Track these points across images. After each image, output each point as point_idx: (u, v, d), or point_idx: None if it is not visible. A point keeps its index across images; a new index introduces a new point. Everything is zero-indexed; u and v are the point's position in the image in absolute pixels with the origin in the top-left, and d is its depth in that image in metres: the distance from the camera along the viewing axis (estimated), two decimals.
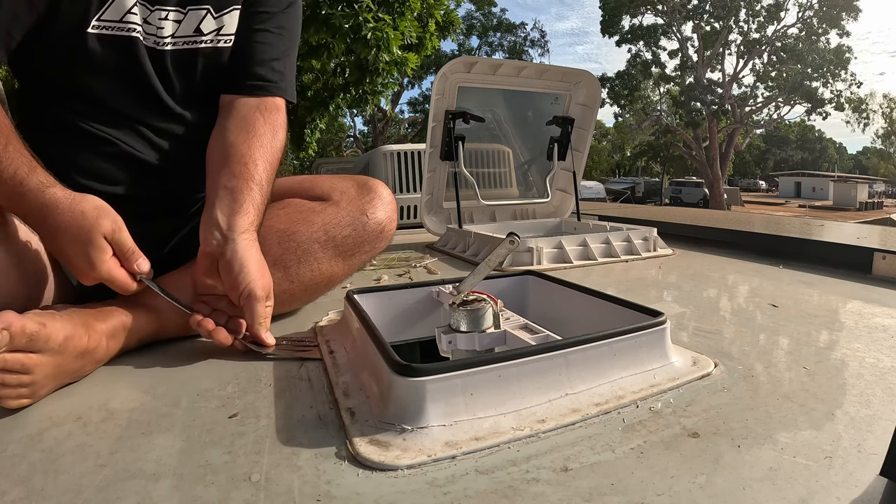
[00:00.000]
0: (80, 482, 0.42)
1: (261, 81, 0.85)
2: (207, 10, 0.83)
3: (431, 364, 0.49)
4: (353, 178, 0.94)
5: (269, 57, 0.87)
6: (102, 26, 0.76)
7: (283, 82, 0.88)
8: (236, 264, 0.69)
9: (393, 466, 0.43)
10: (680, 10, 17.82)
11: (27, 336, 0.53)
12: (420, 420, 0.48)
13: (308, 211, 0.86)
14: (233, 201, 0.72)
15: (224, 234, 0.70)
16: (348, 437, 0.48)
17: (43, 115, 0.81)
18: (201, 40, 0.84)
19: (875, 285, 1.08)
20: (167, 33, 0.81)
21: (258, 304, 0.69)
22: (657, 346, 0.60)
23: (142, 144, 0.82)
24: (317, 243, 0.84)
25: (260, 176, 0.76)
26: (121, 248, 0.66)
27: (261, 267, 0.71)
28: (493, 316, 0.65)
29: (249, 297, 0.68)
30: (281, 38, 0.88)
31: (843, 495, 0.39)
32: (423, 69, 15.63)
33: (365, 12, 4.17)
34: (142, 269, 0.68)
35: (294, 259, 0.83)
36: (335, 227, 0.86)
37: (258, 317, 0.69)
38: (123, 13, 0.77)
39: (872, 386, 0.58)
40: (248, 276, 0.69)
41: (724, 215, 2.24)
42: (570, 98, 1.88)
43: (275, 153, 0.81)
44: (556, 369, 0.53)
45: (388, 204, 0.92)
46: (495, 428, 0.48)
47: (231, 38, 0.86)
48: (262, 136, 0.80)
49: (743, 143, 20.93)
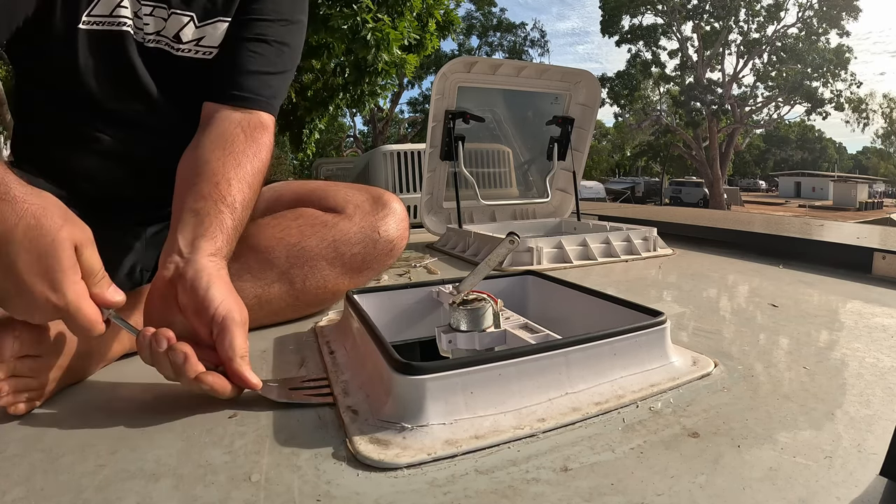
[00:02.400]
0: (80, 482, 0.42)
1: (249, 94, 0.77)
2: (191, 17, 0.79)
3: (432, 362, 0.49)
4: (368, 191, 0.91)
5: (263, 70, 0.79)
6: (93, 21, 0.73)
7: (275, 101, 0.80)
8: (202, 283, 0.55)
9: (393, 465, 0.43)
10: (680, 10, 17.82)
11: (35, 341, 0.53)
12: (420, 418, 0.48)
13: (320, 225, 0.83)
14: (198, 224, 0.61)
15: (185, 256, 0.58)
16: (348, 436, 0.48)
17: (39, 115, 0.81)
18: (178, 48, 0.79)
19: (875, 285, 1.08)
20: (151, 30, 0.77)
21: (238, 329, 0.54)
22: (657, 346, 0.60)
23: (138, 145, 0.81)
24: (325, 260, 0.82)
25: (233, 198, 0.65)
26: (90, 270, 0.49)
27: (233, 293, 0.58)
28: (494, 315, 0.65)
29: (225, 320, 0.53)
30: (280, 54, 0.81)
31: (843, 495, 0.39)
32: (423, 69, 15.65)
33: (364, 12, 4.17)
34: (113, 300, 0.51)
35: (300, 275, 0.81)
36: (345, 245, 0.83)
37: (239, 348, 0.53)
38: (113, 7, 0.74)
39: (872, 386, 0.58)
40: (219, 294, 0.55)
41: (724, 215, 2.24)
42: (569, 98, 1.88)
43: (255, 175, 0.71)
44: (557, 368, 0.53)
45: (401, 221, 0.89)
46: (495, 427, 0.48)
47: (212, 50, 0.81)
48: (240, 154, 0.70)
49: (743, 143, 20.93)
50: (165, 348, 0.50)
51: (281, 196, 0.90)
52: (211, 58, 0.81)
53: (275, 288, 0.80)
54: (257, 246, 0.79)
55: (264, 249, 0.79)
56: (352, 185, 0.94)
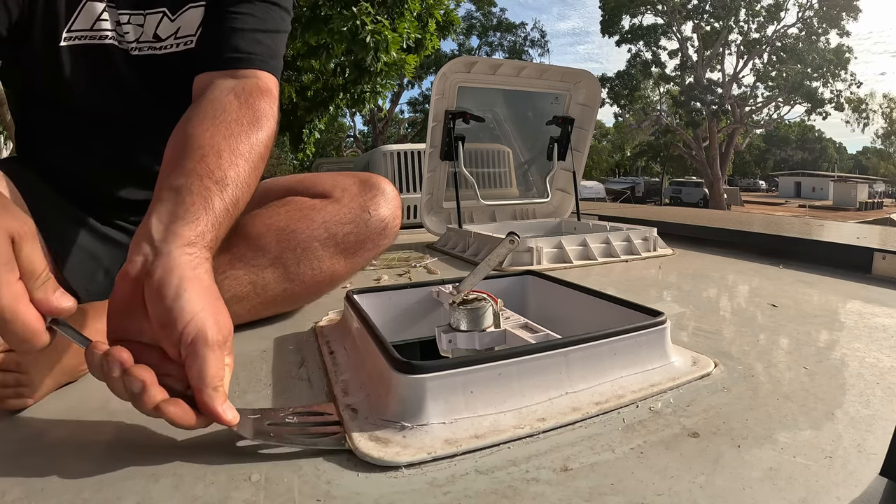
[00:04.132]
0: (80, 482, 0.42)
1: (239, 53, 0.69)
2: (163, 12, 0.76)
3: (432, 362, 0.49)
4: (355, 175, 0.90)
5: (251, 27, 0.71)
6: (74, 37, 0.72)
7: (272, 60, 0.72)
8: (171, 288, 0.44)
9: (393, 463, 0.43)
10: (680, 10, 17.82)
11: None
12: (420, 417, 0.48)
13: (308, 208, 0.83)
14: (177, 205, 0.50)
15: (156, 246, 0.47)
16: (348, 434, 0.48)
17: (34, 119, 0.81)
18: (160, 46, 0.77)
19: (875, 285, 1.08)
20: (132, 38, 0.76)
21: (211, 354, 0.43)
22: (657, 346, 0.60)
23: (134, 149, 0.81)
24: (317, 241, 0.81)
25: (223, 172, 0.55)
26: (30, 269, 0.39)
27: (212, 300, 0.46)
28: (494, 315, 0.65)
29: (195, 343, 0.43)
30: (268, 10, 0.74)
31: (843, 495, 0.39)
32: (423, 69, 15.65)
33: (363, 14, 4.17)
34: (60, 306, 0.41)
35: (293, 258, 0.80)
36: (336, 225, 0.82)
37: (209, 377, 0.43)
38: (94, 20, 0.73)
39: (872, 386, 0.58)
40: (191, 306, 0.44)
41: (724, 215, 2.24)
42: (569, 98, 1.88)
43: (253, 147, 0.61)
44: (557, 368, 0.53)
45: (391, 200, 0.88)
46: (495, 426, 0.48)
47: (192, 39, 0.78)
48: (233, 123, 0.61)
49: (743, 143, 20.93)
50: (119, 374, 0.41)
51: (270, 190, 0.89)
52: (193, 46, 0.79)
53: (269, 273, 0.79)
54: (248, 234, 0.78)
55: (255, 237, 0.78)
56: (340, 172, 0.92)
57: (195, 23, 0.77)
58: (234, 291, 0.76)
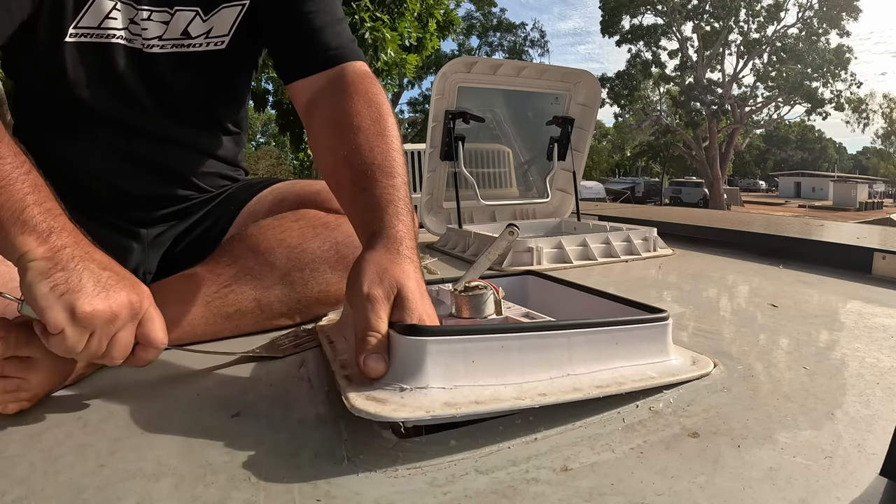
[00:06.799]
0: (80, 482, 0.42)
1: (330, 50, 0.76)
2: (196, 11, 0.77)
3: (433, 326, 0.49)
4: None
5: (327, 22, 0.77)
6: (80, 34, 0.72)
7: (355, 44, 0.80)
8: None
9: (390, 418, 0.44)
10: (680, 10, 17.83)
11: (24, 342, 0.53)
12: (420, 380, 0.47)
13: (322, 226, 0.81)
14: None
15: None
16: (344, 395, 0.47)
17: (35, 117, 0.81)
18: (189, 43, 0.78)
19: (875, 285, 1.08)
20: (152, 35, 0.76)
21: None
22: (658, 342, 0.60)
23: (137, 147, 0.81)
24: (326, 263, 0.80)
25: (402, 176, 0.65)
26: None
27: (421, 294, 0.54)
28: (496, 302, 0.65)
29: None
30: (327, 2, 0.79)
31: (843, 495, 0.39)
32: (423, 69, 15.63)
33: (362, 11, 4.17)
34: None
35: (301, 279, 0.79)
36: (348, 248, 0.80)
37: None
38: (101, 18, 0.73)
39: (872, 386, 0.58)
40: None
41: (724, 215, 2.24)
42: (569, 98, 1.88)
43: (399, 141, 0.71)
44: (559, 349, 0.53)
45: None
46: (496, 396, 0.48)
47: (223, 40, 0.79)
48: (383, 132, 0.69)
49: (743, 143, 20.94)
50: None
51: (284, 199, 0.88)
52: (224, 47, 0.80)
53: (274, 292, 0.78)
54: (257, 248, 0.78)
55: (265, 251, 0.78)
56: None
57: (228, 23, 0.79)
58: (239, 307, 0.76)
